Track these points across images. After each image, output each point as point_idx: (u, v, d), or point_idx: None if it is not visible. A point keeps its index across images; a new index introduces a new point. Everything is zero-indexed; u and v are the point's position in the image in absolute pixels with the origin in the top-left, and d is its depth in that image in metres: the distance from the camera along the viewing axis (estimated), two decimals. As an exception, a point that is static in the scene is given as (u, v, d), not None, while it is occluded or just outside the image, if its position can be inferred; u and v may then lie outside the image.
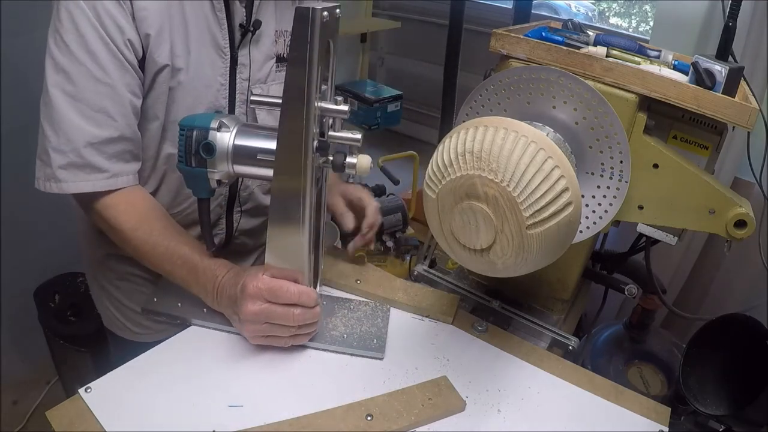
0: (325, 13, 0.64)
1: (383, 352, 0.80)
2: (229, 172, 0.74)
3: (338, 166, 0.74)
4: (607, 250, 1.13)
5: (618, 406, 0.76)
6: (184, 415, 0.67)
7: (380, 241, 1.50)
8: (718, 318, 0.84)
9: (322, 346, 0.80)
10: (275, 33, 0.93)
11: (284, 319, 0.74)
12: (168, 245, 0.81)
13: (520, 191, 0.54)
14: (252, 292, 0.73)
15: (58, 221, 1.39)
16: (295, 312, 0.73)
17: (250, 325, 0.74)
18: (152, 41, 0.78)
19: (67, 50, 0.74)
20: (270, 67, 0.94)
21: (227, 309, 0.78)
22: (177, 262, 0.81)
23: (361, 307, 0.87)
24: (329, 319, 0.84)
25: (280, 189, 0.71)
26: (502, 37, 0.80)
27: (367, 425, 0.67)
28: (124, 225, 0.82)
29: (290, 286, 0.74)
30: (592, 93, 0.70)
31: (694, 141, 0.78)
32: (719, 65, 0.72)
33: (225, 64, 0.87)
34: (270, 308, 0.73)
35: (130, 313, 1.02)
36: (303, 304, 0.74)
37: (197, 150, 0.72)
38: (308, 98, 0.66)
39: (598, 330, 1.14)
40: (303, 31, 0.63)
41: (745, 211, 0.72)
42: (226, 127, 0.73)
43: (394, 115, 2.48)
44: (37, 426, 1.69)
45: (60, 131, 0.77)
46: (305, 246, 0.73)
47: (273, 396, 0.71)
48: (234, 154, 0.73)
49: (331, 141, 0.73)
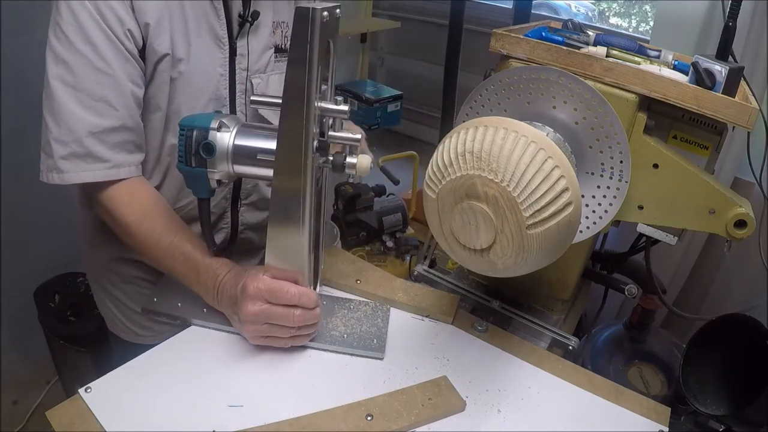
0: (325, 13, 0.64)
1: (383, 352, 0.79)
2: (229, 172, 0.74)
3: (338, 165, 0.74)
4: (607, 250, 1.13)
5: (618, 406, 0.76)
6: (184, 415, 0.67)
7: (380, 241, 1.50)
8: (718, 318, 0.84)
9: (322, 346, 0.80)
10: (273, 24, 0.94)
11: (284, 320, 0.74)
12: (171, 241, 0.81)
13: (520, 191, 0.54)
14: (252, 293, 0.73)
15: (58, 221, 1.39)
16: (295, 313, 0.73)
17: (250, 325, 0.74)
18: (152, 31, 0.79)
19: (66, 41, 0.75)
20: (269, 57, 0.95)
21: (227, 308, 0.78)
22: (179, 259, 0.81)
23: (361, 307, 0.87)
24: (329, 319, 0.84)
25: (280, 189, 0.71)
26: (502, 37, 0.80)
27: (367, 425, 0.67)
28: (128, 218, 0.82)
29: (290, 287, 0.74)
30: (592, 93, 0.70)
31: (694, 141, 0.78)
32: (719, 65, 0.72)
33: (224, 55, 0.88)
34: (270, 309, 0.73)
35: (133, 315, 1.02)
36: (303, 306, 0.74)
37: (197, 150, 0.72)
38: (308, 98, 0.66)
39: (598, 330, 1.14)
40: (303, 30, 0.63)
41: (745, 211, 0.72)
42: (226, 127, 0.73)
43: (394, 115, 2.49)
44: (37, 426, 1.69)
45: (61, 122, 0.77)
46: (305, 246, 0.73)
47: (273, 396, 0.71)
48: (234, 154, 0.73)
49: (331, 141, 0.73)
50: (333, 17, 0.69)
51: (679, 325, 1.51)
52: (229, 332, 0.80)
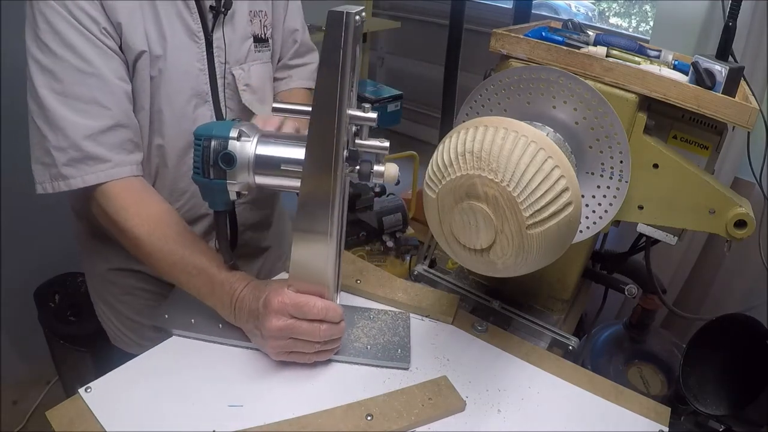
0: (357, 17, 0.61)
1: (408, 362, 0.78)
2: (250, 184, 0.71)
3: (365, 174, 0.70)
4: (607, 250, 1.13)
5: (618, 406, 0.76)
6: (184, 415, 0.67)
7: (380, 241, 1.50)
8: (718, 318, 0.84)
9: (347, 359, 0.78)
10: (250, 13, 0.93)
11: (310, 335, 0.71)
12: (183, 254, 0.78)
13: (520, 191, 0.54)
14: (277, 307, 0.70)
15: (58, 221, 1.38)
16: (322, 327, 0.71)
17: (274, 341, 0.71)
18: (125, 29, 0.78)
19: (47, 49, 0.75)
20: (248, 47, 0.94)
21: (247, 324, 0.75)
22: (192, 273, 0.77)
23: (381, 316, 0.86)
24: (350, 330, 0.81)
25: (307, 198, 0.68)
26: (502, 37, 0.80)
27: (367, 425, 0.67)
28: (137, 230, 0.79)
29: (317, 301, 0.72)
30: (592, 93, 0.70)
31: (694, 141, 0.77)
32: (719, 65, 0.72)
33: (201, 49, 0.87)
34: (296, 324, 0.71)
35: (137, 327, 1.01)
36: (329, 320, 0.72)
37: (216, 161, 0.68)
38: (340, 105, 0.63)
39: (598, 330, 1.14)
40: (336, 35, 0.60)
41: (745, 211, 0.72)
42: (246, 135, 0.69)
43: (394, 115, 2.48)
44: (37, 426, 1.69)
45: (57, 130, 0.77)
46: (332, 258, 0.70)
47: (273, 396, 0.71)
48: (256, 164, 0.69)
49: (358, 149, 0.70)
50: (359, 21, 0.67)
51: (679, 325, 1.51)
52: (248, 348, 0.77)
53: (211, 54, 0.88)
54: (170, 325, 0.80)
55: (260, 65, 0.97)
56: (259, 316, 0.72)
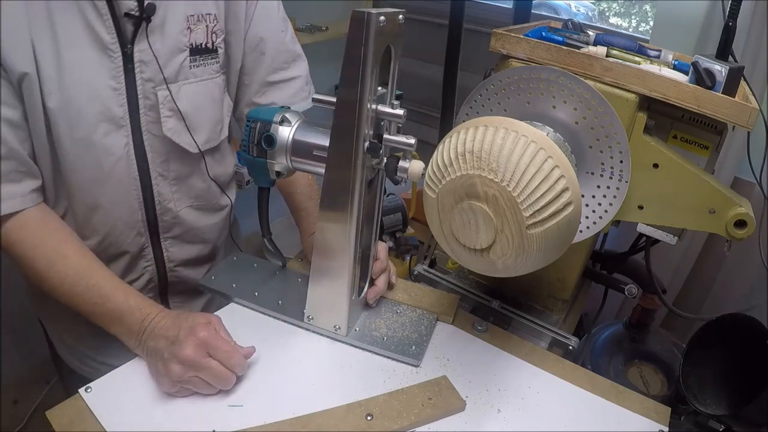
0: (381, 18, 0.65)
1: (420, 360, 0.79)
2: (288, 166, 0.77)
3: (391, 170, 0.74)
4: (607, 250, 1.13)
5: (618, 406, 0.76)
6: (184, 415, 0.67)
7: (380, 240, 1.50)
8: (718, 318, 0.84)
9: (360, 345, 0.80)
10: (189, 18, 0.79)
11: (216, 379, 0.69)
12: (87, 284, 0.74)
13: (520, 191, 0.54)
14: (201, 339, 0.69)
15: (58, 221, 1.38)
16: (229, 375, 0.69)
17: (180, 368, 0.67)
18: (3, 46, 0.66)
19: None
20: (180, 61, 0.79)
21: (159, 343, 0.70)
22: (98, 302, 0.74)
23: (408, 312, 0.87)
24: (373, 319, 0.84)
25: (330, 181, 0.74)
26: (502, 37, 0.80)
27: (367, 425, 0.67)
28: (37, 264, 0.74)
29: (237, 350, 0.71)
30: (592, 93, 0.70)
31: (694, 141, 0.77)
32: (719, 65, 0.72)
33: (116, 64, 0.74)
34: (210, 363, 0.68)
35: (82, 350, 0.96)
36: (235, 372, 0.70)
37: (259, 140, 0.76)
38: (361, 98, 0.67)
39: (598, 330, 1.14)
40: (358, 33, 0.65)
41: (745, 211, 0.72)
42: (288, 121, 0.76)
43: (394, 115, 2.48)
44: (37, 426, 1.69)
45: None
46: (353, 237, 0.75)
47: (273, 396, 0.71)
48: (293, 148, 0.76)
49: (385, 144, 0.73)
50: (394, 23, 0.70)
51: (679, 325, 1.51)
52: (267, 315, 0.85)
53: (130, 70, 0.75)
54: (213, 285, 0.89)
55: (197, 84, 0.82)
56: (175, 341, 0.69)
